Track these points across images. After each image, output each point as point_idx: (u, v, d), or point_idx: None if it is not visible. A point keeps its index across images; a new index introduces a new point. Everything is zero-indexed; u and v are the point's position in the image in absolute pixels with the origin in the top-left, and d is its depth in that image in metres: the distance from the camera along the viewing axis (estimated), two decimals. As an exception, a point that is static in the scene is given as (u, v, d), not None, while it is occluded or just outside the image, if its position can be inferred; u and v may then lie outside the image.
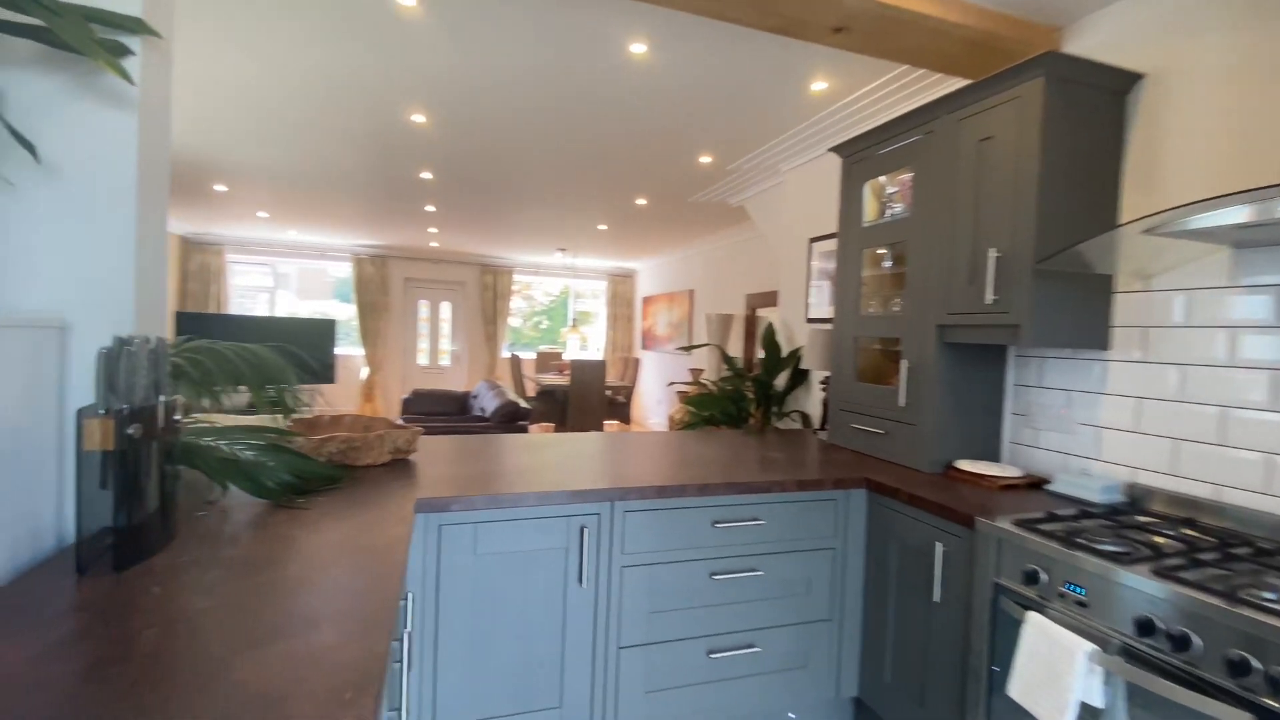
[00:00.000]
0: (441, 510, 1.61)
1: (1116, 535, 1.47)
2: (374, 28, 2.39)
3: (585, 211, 5.69)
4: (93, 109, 1.18)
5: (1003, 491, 1.91)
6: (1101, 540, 1.42)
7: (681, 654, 1.86)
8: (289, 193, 5.52)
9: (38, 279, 1.17)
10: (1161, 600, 1.20)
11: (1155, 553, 1.37)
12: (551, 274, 10.08)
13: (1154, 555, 1.36)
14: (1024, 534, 1.49)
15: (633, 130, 3.42)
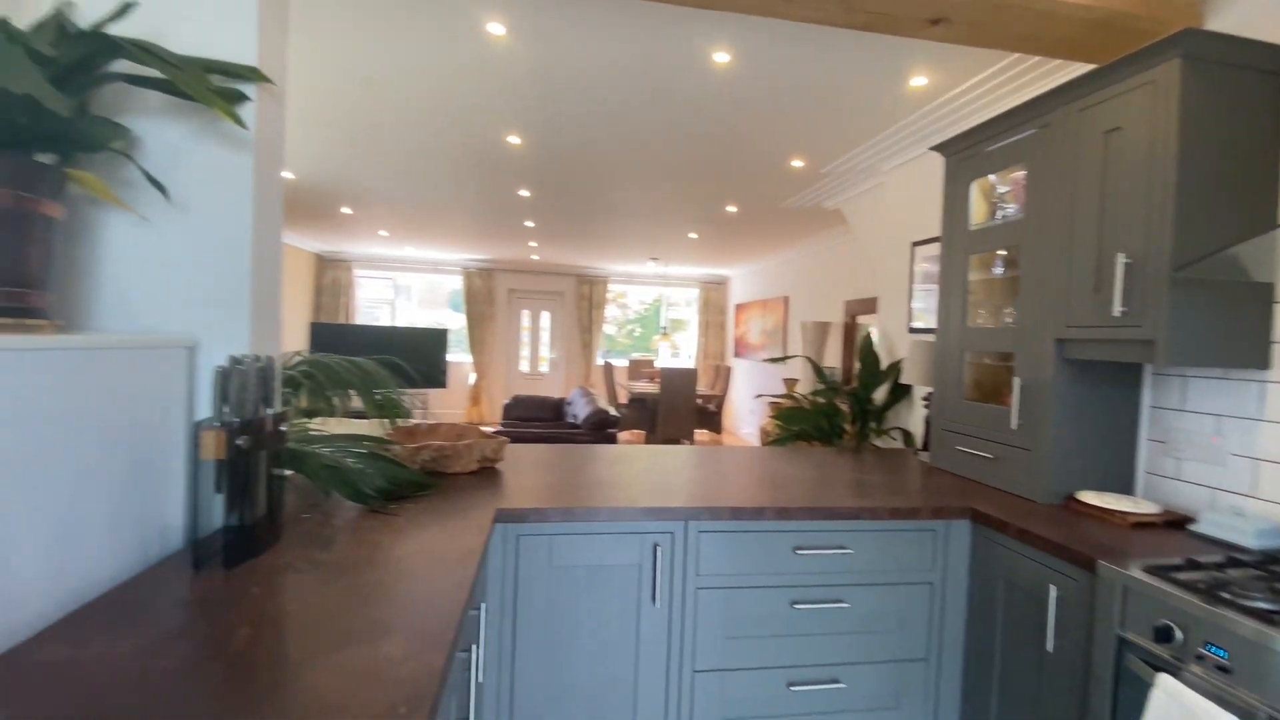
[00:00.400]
0: (519, 521, 1.65)
1: (1272, 590, 1.23)
2: (470, 58, 2.53)
3: (676, 221, 5.70)
4: (214, 152, 1.33)
5: (1134, 530, 1.67)
6: (1253, 595, 1.20)
7: (760, 683, 1.78)
8: (405, 213, 5.98)
9: (171, 304, 1.33)
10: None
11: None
12: (644, 283, 10.19)
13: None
14: (1157, 583, 1.29)
15: (721, 139, 3.38)
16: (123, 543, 1.12)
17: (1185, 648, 1.22)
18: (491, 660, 1.64)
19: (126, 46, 1.14)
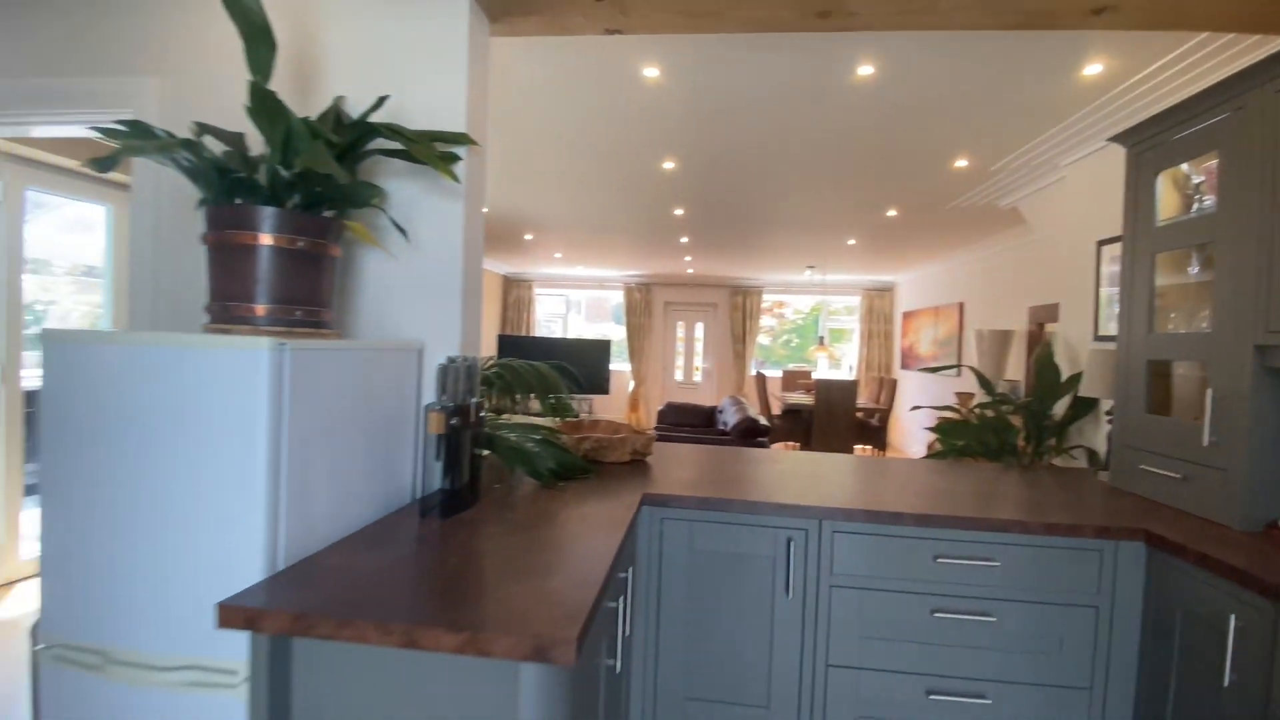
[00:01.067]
0: (663, 505, 1.86)
1: None
2: (629, 99, 2.84)
3: (832, 228, 5.62)
4: (437, 202, 1.74)
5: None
6: None
7: (897, 686, 1.80)
8: (576, 237, 6.62)
9: (406, 317, 1.75)
10: None
11: None
12: (801, 291, 10.02)
13: None
14: (1370, 623, 1.13)
15: (873, 146, 3.35)
16: (375, 493, 1.52)
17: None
18: (639, 624, 1.87)
19: (381, 129, 1.56)
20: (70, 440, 1.24)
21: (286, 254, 1.44)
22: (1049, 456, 3.12)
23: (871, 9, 1.78)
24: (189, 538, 1.19)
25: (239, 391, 1.17)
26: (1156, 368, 2.09)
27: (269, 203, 1.44)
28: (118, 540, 1.22)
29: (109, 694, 1.23)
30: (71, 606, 1.25)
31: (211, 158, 1.42)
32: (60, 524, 1.25)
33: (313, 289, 1.50)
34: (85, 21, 1.90)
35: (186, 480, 1.19)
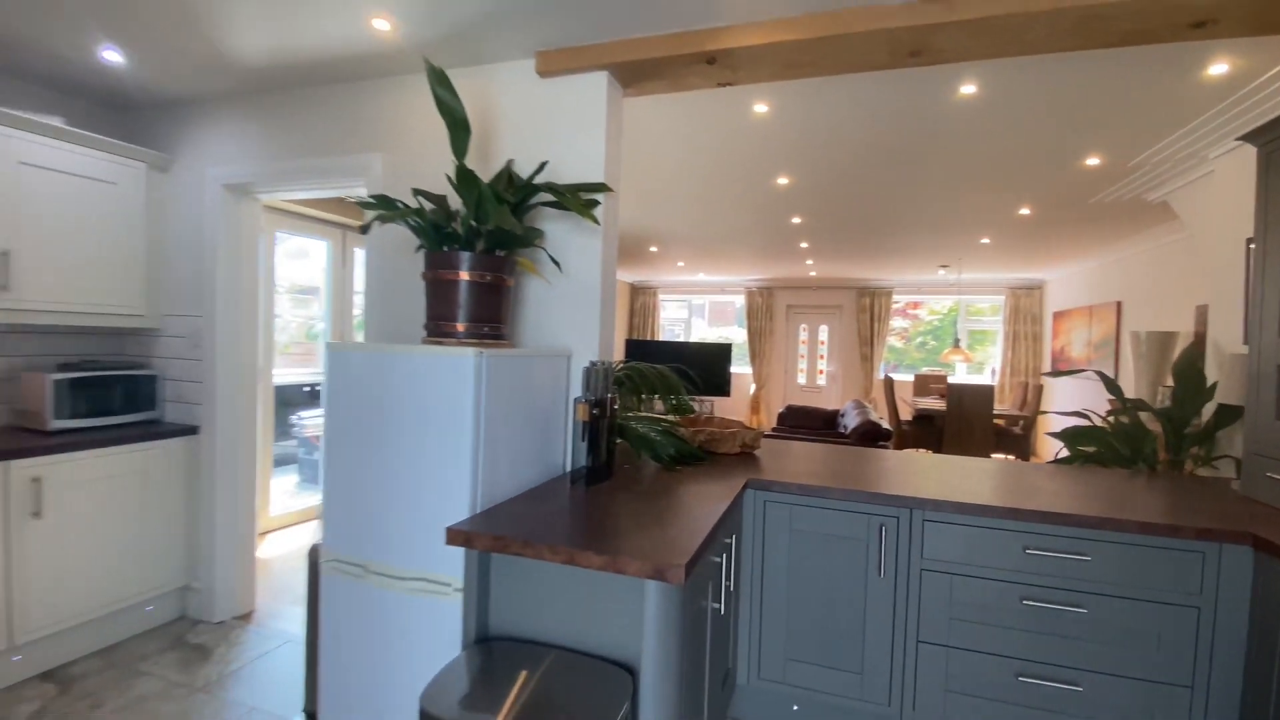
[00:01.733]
0: (765, 489, 2.16)
1: None
2: (743, 130, 3.15)
3: (962, 229, 5.47)
4: (581, 239, 2.19)
5: None
6: None
7: (986, 666, 1.95)
8: (697, 247, 6.99)
9: (561, 331, 2.22)
10: None
11: None
12: (936, 291, 9.58)
13: None
14: None
15: (985, 155, 3.36)
16: (537, 464, 1.99)
17: None
18: (744, 591, 2.18)
19: (541, 188, 2.03)
20: (343, 420, 1.82)
21: (478, 286, 1.94)
22: (1193, 466, 2.95)
23: (959, 46, 1.96)
24: (420, 486, 1.71)
25: (453, 384, 1.67)
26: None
27: (465, 248, 1.96)
28: (373, 488, 1.77)
29: (366, 593, 1.79)
30: (343, 533, 1.83)
31: (430, 217, 1.96)
32: (337, 477, 1.83)
33: (495, 311, 2.00)
34: (332, 115, 2.60)
35: (418, 446, 1.71)
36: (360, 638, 1.79)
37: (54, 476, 2.39)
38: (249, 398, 2.99)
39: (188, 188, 2.88)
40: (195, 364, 2.88)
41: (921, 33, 1.87)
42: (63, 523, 2.42)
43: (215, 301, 2.82)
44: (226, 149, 2.79)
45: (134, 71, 2.55)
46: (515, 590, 1.56)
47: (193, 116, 2.86)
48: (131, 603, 2.68)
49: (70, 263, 2.59)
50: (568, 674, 1.36)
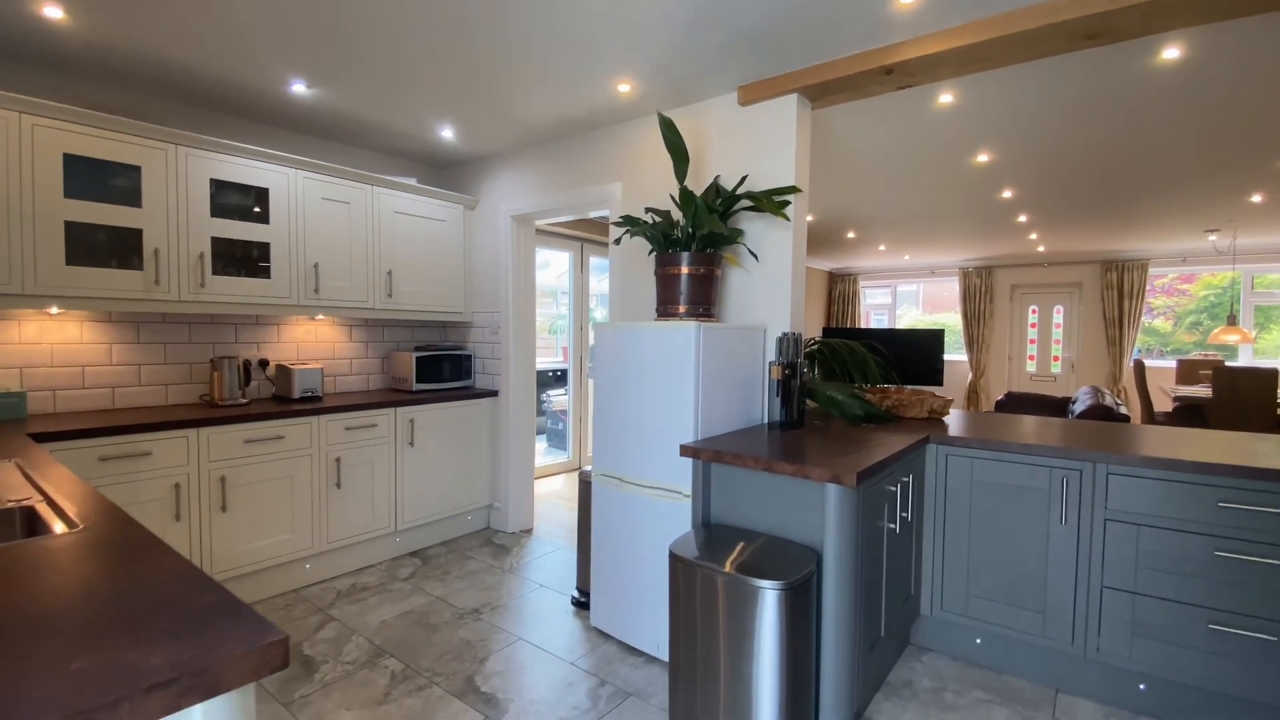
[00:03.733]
0: (947, 444, 2.44)
1: None
2: (930, 119, 3.33)
3: (1223, 186, 4.73)
4: (775, 234, 2.69)
5: None
6: None
7: (1174, 613, 2.02)
8: (898, 229, 6.92)
9: (758, 310, 2.75)
10: None
11: None
12: (1205, 262, 8.02)
13: None
14: None
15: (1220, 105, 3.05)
16: (740, 413, 2.55)
17: None
18: (927, 533, 2.48)
19: (742, 196, 2.58)
20: (606, 376, 2.56)
21: (694, 277, 2.56)
22: None
23: (1140, 22, 2.04)
24: (660, 421, 2.37)
25: (681, 348, 2.31)
26: None
27: (684, 249, 2.59)
28: (629, 423, 2.48)
29: (623, 497, 2.51)
30: (607, 456, 2.58)
31: (660, 228, 2.63)
32: (603, 417, 2.59)
33: (707, 294, 2.60)
34: (584, 155, 3.44)
35: (658, 394, 2.38)
36: (619, 529, 2.53)
37: (420, 419, 3.59)
38: (529, 371, 4.02)
39: (487, 219, 3.99)
40: (495, 345, 3.99)
41: (1093, 20, 2.02)
42: (423, 451, 3.62)
43: (509, 301, 3.88)
44: (512, 188, 3.83)
45: (456, 140, 3.67)
46: (728, 493, 2.14)
47: (489, 166, 3.97)
48: (460, 511, 3.85)
49: (421, 277, 3.81)
50: (770, 546, 1.90)
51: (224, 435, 2.76)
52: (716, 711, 1.80)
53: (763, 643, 1.72)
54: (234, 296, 2.98)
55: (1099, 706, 2.16)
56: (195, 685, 0.71)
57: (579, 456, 5.89)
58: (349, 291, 3.45)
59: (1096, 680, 2.19)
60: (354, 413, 3.27)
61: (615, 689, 2.26)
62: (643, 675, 2.35)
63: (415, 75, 2.75)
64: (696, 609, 1.84)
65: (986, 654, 2.41)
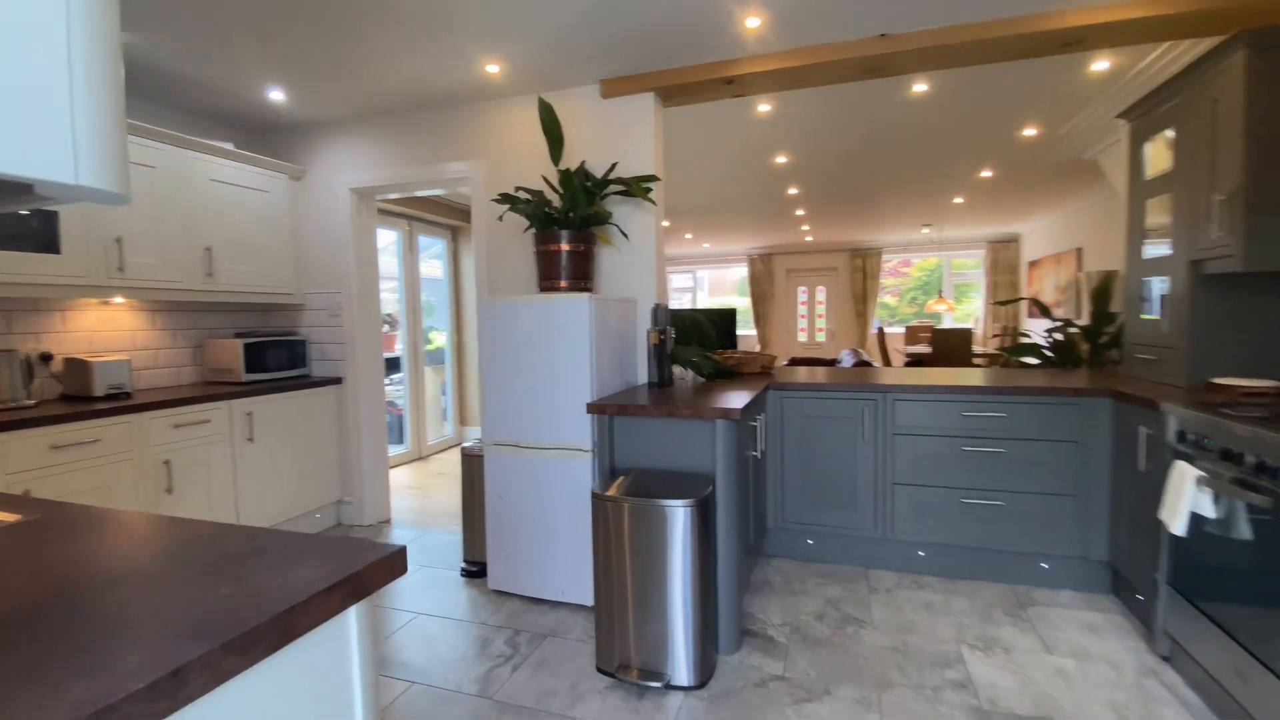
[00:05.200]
0: (782, 389, 3.03)
1: (1267, 411, 1.89)
2: (748, 124, 3.95)
3: (937, 191, 6.27)
4: (641, 215, 3.03)
5: (1242, 397, 2.25)
6: (1250, 412, 1.89)
7: (940, 496, 2.83)
8: (705, 219, 7.79)
9: (627, 285, 3.07)
10: (1246, 440, 1.75)
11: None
12: (921, 250, 10.38)
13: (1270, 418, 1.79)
14: (1183, 409, 2.04)
15: (943, 131, 4.15)
16: (622, 377, 2.86)
17: (1194, 443, 1.97)
18: (772, 457, 3.06)
19: (613, 180, 2.87)
20: (494, 350, 2.67)
21: (574, 254, 2.79)
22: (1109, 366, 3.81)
23: (906, 63, 2.77)
24: (558, 386, 2.57)
25: (574, 318, 2.53)
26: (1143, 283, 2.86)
27: (563, 227, 2.80)
28: (522, 392, 2.64)
29: (520, 462, 2.67)
30: (499, 425, 2.70)
31: (539, 205, 2.79)
32: (492, 388, 2.70)
33: (585, 271, 2.85)
34: (442, 131, 3.41)
35: (554, 361, 2.57)
36: (518, 492, 2.67)
37: (259, 411, 3.26)
38: (376, 356, 3.85)
39: (320, 192, 3.70)
40: (335, 329, 3.74)
41: (878, 59, 2.69)
42: (265, 447, 3.30)
43: (351, 281, 3.67)
44: (354, 159, 3.61)
45: (288, 102, 3.36)
46: (629, 442, 2.44)
47: (324, 134, 3.68)
48: (308, 509, 3.57)
49: (246, 255, 3.42)
50: (673, 478, 2.25)
51: (24, 442, 2.28)
52: (643, 623, 2.10)
53: (676, 554, 2.06)
54: (12, 276, 2.44)
55: (895, 574, 2.93)
56: (355, 588, 0.81)
57: (419, 446, 5.69)
58: (161, 270, 2.99)
59: (892, 554, 2.95)
60: (182, 408, 2.88)
61: (532, 634, 2.44)
62: (554, 618, 2.56)
63: (248, 26, 2.52)
64: (625, 537, 2.11)
65: (818, 551, 3.07)
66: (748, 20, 2.48)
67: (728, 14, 2.45)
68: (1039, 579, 2.76)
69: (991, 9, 2.42)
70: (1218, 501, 1.84)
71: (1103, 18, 2.39)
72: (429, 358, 5.95)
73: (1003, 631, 2.38)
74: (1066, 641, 2.30)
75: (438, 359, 6.16)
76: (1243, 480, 1.74)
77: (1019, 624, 2.43)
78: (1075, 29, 2.45)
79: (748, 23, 2.50)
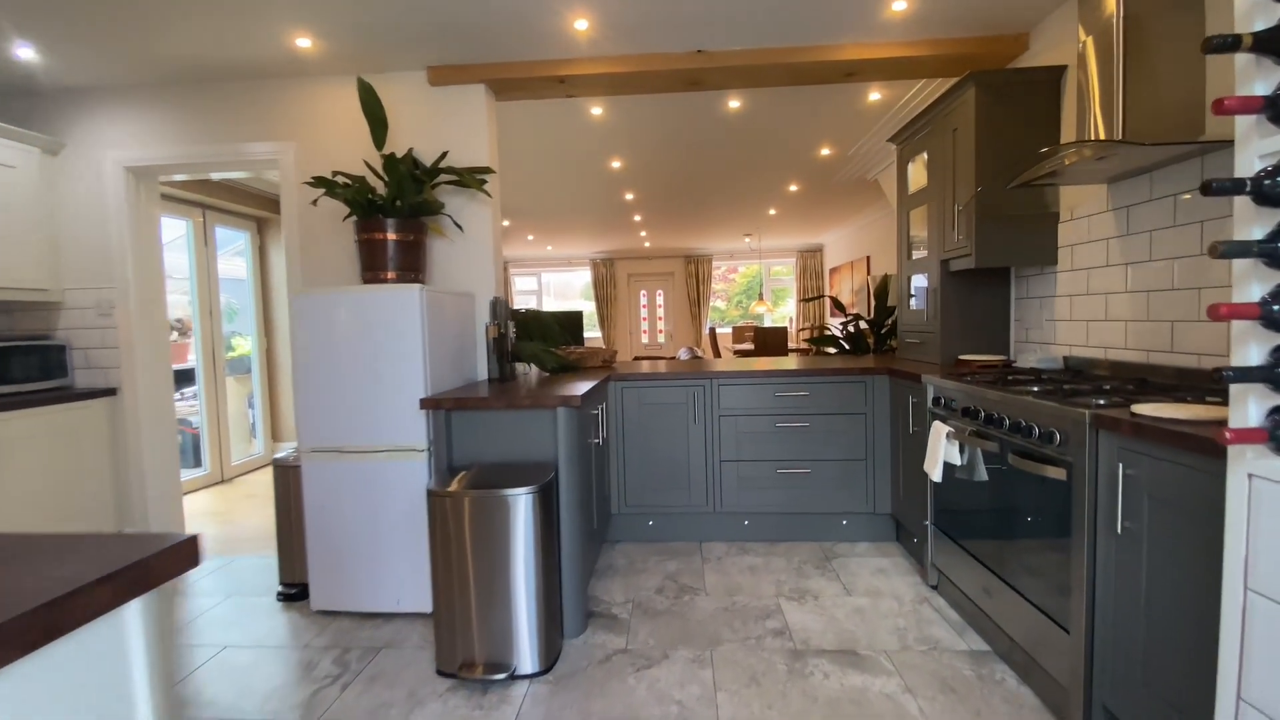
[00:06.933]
0: (622, 380, 3.16)
1: (1002, 379, 2.39)
2: (584, 127, 4.06)
3: (754, 203, 6.92)
4: (477, 207, 2.98)
5: (979, 370, 2.80)
6: (984, 379, 2.37)
7: (759, 469, 3.14)
8: (545, 221, 7.80)
9: (462, 278, 3.00)
10: (990, 400, 2.18)
11: (1010, 382, 2.28)
12: (745, 258, 11.36)
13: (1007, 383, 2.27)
14: (939, 380, 2.49)
15: (758, 145, 4.63)
16: (460, 373, 2.78)
17: (947, 406, 2.42)
18: (614, 446, 3.17)
19: (442, 170, 2.79)
20: (310, 349, 2.46)
21: (402, 244, 2.67)
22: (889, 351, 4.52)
23: (721, 79, 3.05)
24: (387, 384, 2.43)
25: (404, 311, 2.41)
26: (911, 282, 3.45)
27: (389, 215, 2.67)
28: (346, 392, 2.46)
29: (345, 468, 2.48)
30: (319, 431, 2.49)
31: (361, 191, 2.63)
32: (310, 391, 2.48)
33: (416, 262, 2.74)
34: (246, 107, 3.06)
35: (383, 357, 2.43)
36: (344, 502, 2.48)
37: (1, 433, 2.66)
38: (164, 361, 3.33)
39: (85, 169, 3.12)
40: (107, 332, 3.17)
41: (696, 73, 2.93)
42: (8, 477, 2.70)
43: (127, 275, 3.14)
44: (130, 133, 3.10)
45: (38, 60, 2.79)
46: (469, 438, 2.39)
47: (89, 102, 3.10)
48: (74, 546, 2.98)
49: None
50: (514, 469, 2.24)
51: None
52: (487, 617, 2.07)
53: (519, 543, 2.06)
54: None
55: (725, 544, 3.19)
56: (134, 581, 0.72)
57: (220, 468, 5.00)
58: None
59: (722, 527, 3.21)
60: (-125, 430, 2.26)
61: (364, 649, 2.28)
62: (389, 630, 2.41)
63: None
64: (465, 532, 2.06)
65: (658, 531, 3.24)
66: (576, 21, 2.57)
67: (556, 13, 2.51)
68: (841, 534, 3.18)
69: (790, 35, 2.76)
70: (963, 452, 2.27)
71: (872, 54, 2.84)
72: (231, 367, 5.25)
73: (812, 583, 2.71)
74: (863, 584, 2.68)
75: (242, 368, 5.47)
76: (978, 432, 2.17)
77: (826, 574, 2.79)
78: (853, 61, 2.88)
79: (576, 24, 2.59)
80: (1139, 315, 2.22)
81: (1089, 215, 2.46)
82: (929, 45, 2.84)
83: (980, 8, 2.58)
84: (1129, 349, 2.27)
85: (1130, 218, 2.25)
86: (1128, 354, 2.28)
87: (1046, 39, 2.71)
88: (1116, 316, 2.32)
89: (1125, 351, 2.29)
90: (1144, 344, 2.21)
